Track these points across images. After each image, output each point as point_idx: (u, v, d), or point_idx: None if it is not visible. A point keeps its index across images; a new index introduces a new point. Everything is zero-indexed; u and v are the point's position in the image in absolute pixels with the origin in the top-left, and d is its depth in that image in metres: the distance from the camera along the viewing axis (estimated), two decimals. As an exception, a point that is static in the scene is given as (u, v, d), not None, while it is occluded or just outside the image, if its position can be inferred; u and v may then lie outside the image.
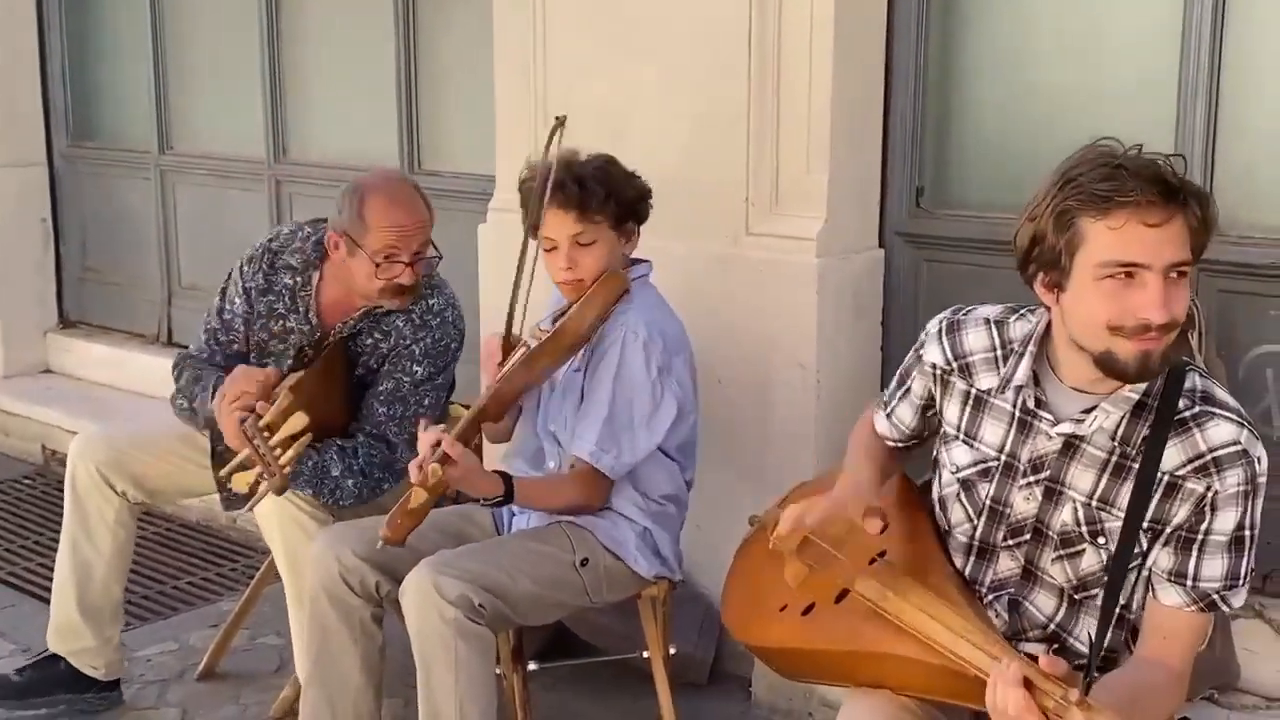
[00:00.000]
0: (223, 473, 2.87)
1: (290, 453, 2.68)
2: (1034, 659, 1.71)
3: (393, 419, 2.94)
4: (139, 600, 3.89)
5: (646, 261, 2.79)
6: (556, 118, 2.66)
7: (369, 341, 2.98)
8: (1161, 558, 1.93)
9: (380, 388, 2.96)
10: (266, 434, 2.68)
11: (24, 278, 5.62)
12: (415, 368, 2.95)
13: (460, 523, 2.78)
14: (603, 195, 2.63)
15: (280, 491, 2.71)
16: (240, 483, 2.80)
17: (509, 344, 2.68)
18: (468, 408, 2.66)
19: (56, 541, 3.20)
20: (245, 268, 3.06)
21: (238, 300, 3.06)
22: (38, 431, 5.20)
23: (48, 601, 3.23)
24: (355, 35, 4.66)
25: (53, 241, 5.71)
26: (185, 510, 4.52)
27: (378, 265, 2.86)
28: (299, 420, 2.70)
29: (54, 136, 5.67)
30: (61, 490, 3.20)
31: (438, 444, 2.44)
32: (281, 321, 3.03)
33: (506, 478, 2.57)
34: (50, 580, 3.23)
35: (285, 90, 4.86)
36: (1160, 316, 1.78)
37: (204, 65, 5.19)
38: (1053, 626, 2.04)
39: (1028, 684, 1.68)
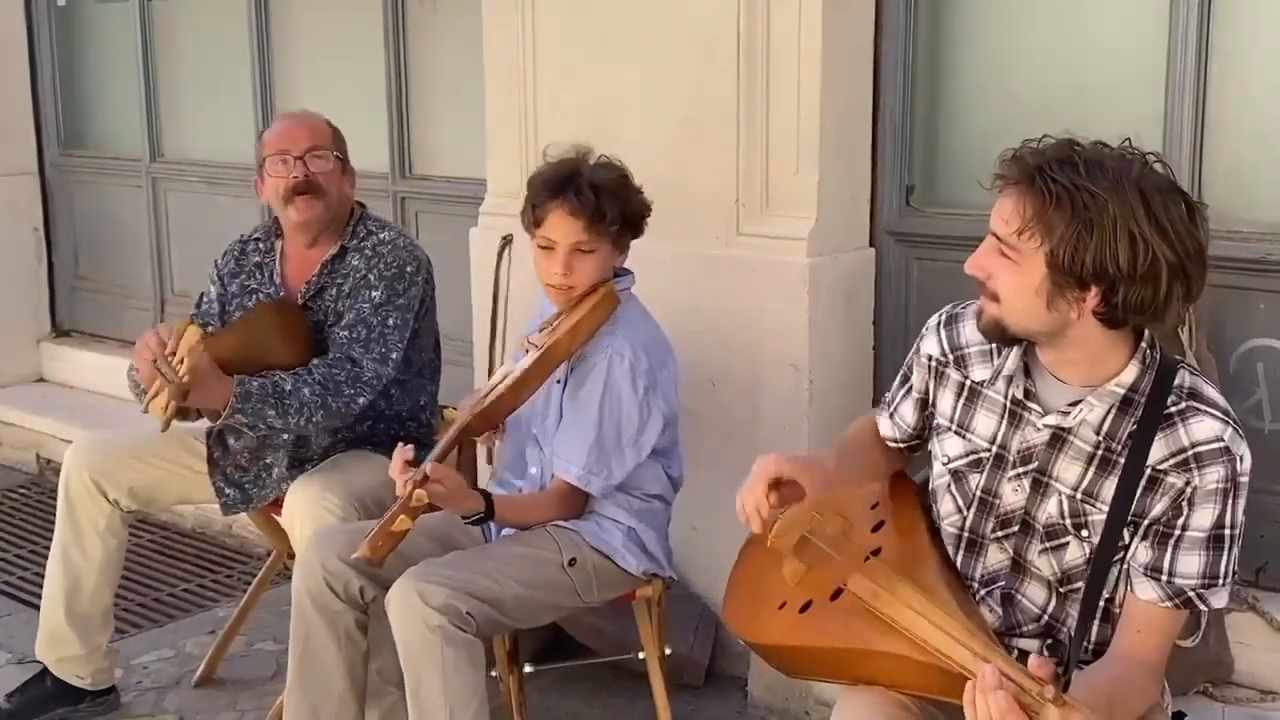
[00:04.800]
0: (142, 406, 2.93)
1: (187, 362, 2.79)
2: (1026, 656, 1.71)
3: (356, 341, 2.98)
4: (135, 608, 3.89)
5: (629, 273, 2.76)
6: (503, 237, 2.77)
7: (331, 293, 3.06)
8: (1139, 551, 1.94)
9: (343, 321, 3.01)
10: (171, 357, 2.82)
11: (17, 287, 5.62)
12: (373, 293, 3.00)
13: (448, 528, 2.76)
14: (616, 209, 2.61)
15: (179, 395, 2.78)
16: (155, 408, 2.87)
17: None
18: (463, 412, 2.66)
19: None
20: (220, 259, 3.25)
21: (213, 288, 3.22)
22: (32, 440, 5.20)
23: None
24: (346, 41, 4.66)
25: (45, 250, 5.71)
26: (180, 517, 4.52)
27: (276, 174, 3.01)
28: (193, 334, 2.85)
29: (45, 145, 5.68)
30: (56, 499, 3.19)
31: (410, 462, 2.44)
32: (254, 296, 3.14)
33: (487, 496, 2.56)
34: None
35: (275, 96, 4.86)
36: (967, 267, 1.97)
37: (194, 72, 5.19)
38: (1045, 618, 2.05)
39: (1007, 679, 1.70)
